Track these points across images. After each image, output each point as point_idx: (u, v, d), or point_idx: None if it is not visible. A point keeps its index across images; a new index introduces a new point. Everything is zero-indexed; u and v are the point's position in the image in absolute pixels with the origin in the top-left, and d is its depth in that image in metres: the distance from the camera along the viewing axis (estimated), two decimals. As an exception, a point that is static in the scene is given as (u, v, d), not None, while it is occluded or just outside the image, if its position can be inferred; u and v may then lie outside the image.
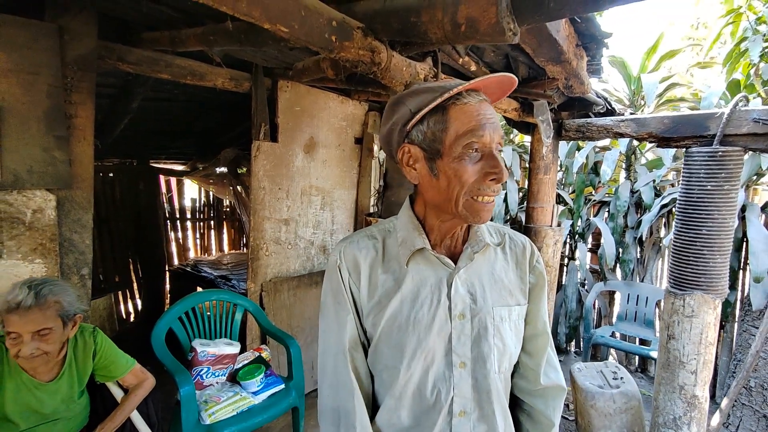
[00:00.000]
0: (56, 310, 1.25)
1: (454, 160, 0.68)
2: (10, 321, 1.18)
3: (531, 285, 0.81)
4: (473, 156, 0.67)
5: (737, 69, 3.48)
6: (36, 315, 1.20)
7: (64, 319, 1.28)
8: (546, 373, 0.81)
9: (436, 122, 0.69)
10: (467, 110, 0.67)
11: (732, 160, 1.71)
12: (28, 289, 1.20)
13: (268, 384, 1.95)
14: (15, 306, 1.17)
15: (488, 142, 0.67)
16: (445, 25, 0.90)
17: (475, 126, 0.66)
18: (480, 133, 0.66)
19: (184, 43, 1.58)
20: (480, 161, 0.67)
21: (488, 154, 0.68)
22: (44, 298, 1.22)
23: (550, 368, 0.81)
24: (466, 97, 0.68)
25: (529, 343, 0.81)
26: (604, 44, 1.46)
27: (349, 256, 0.77)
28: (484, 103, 0.69)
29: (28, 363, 1.24)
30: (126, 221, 4.09)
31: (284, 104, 2.39)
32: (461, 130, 0.67)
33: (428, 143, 0.70)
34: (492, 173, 0.67)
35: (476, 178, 0.67)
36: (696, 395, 1.83)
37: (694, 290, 1.78)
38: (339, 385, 0.75)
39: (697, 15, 8.48)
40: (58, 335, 1.26)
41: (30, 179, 1.45)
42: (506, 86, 0.72)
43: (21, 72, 1.42)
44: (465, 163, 0.67)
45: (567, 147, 3.90)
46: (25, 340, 1.19)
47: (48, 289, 1.24)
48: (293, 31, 0.89)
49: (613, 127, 2.10)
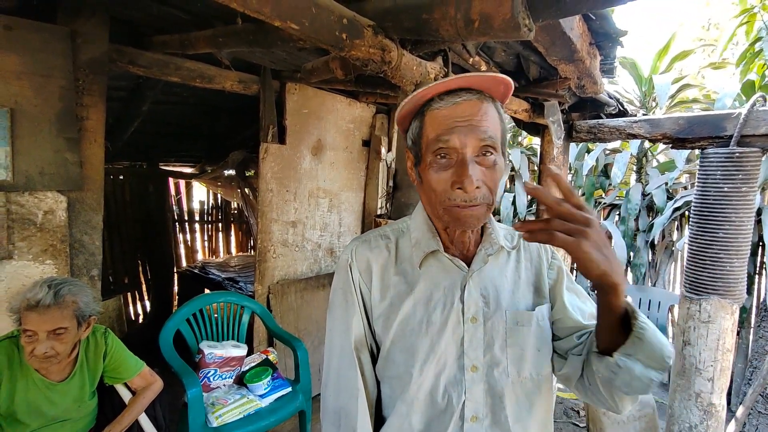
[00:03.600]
0: (73, 309, 1.25)
1: (426, 166, 0.67)
2: (29, 319, 1.18)
3: (552, 282, 0.78)
4: (443, 163, 0.65)
5: (752, 69, 3.42)
6: (54, 314, 1.20)
7: (79, 319, 1.28)
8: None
9: (416, 128, 0.69)
10: (437, 115, 0.65)
11: (750, 161, 1.67)
12: (48, 287, 1.21)
13: (275, 387, 1.94)
14: (35, 304, 1.18)
15: (458, 146, 0.63)
16: (458, 21, 0.89)
17: (442, 131, 0.64)
18: (446, 138, 0.63)
19: (193, 46, 1.59)
20: (451, 168, 0.64)
21: (458, 161, 0.64)
22: (62, 298, 1.22)
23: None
24: (438, 102, 0.65)
25: (571, 339, 0.75)
26: (619, 42, 1.43)
27: (360, 255, 0.76)
28: (464, 104, 0.64)
29: (39, 363, 1.24)
30: (135, 223, 4.12)
31: (292, 106, 2.39)
32: (431, 135, 0.66)
33: (413, 149, 0.71)
34: (456, 182, 0.63)
35: (445, 187, 0.65)
36: (713, 403, 1.78)
37: (710, 295, 1.74)
38: (342, 385, 0.74)
39: (709, 16, 8.38)
40: (72, 335, 1.27)
41: (41, 181, 1.46)
42: (495, 82, 0.67)
43: (33, 74, 1.43)
44: (435, 170, 0.65)
45: (577, 149, 3.86)
46: (41, 338, 1.19)
47: (67, 289, 1.25)
48: (303, 29, 0.89)
49: (626, 128, 2.06)
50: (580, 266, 0.57)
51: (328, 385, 0.77)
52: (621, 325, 0.63)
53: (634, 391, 0.64)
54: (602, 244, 0.56)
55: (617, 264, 0.58)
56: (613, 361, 0.63)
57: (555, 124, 1.89)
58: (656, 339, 0.62)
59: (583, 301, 0.78)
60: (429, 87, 0.65)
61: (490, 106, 0.67)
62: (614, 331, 0.63)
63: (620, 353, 0.63)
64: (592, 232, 0.55)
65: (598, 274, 0.57)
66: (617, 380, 0.64)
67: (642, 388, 0.63)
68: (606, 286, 0.59)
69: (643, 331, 0.62)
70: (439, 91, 0.66)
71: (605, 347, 0.66)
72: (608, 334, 0.65)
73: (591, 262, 0.55)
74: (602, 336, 0.66)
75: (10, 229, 1.42)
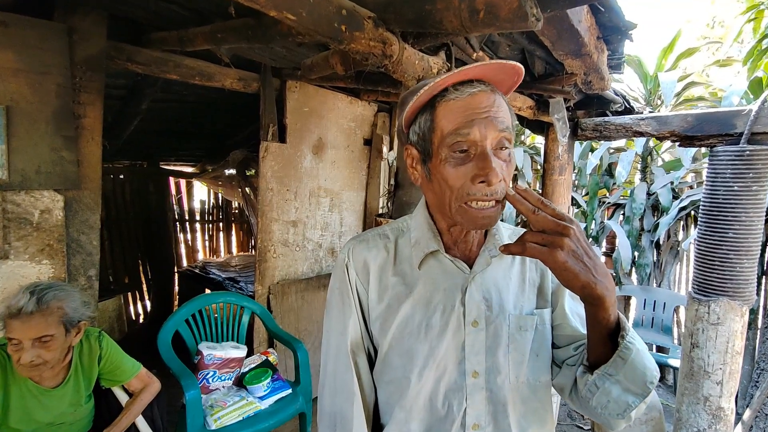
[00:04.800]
0: (59, 316, 1.20)
1: (441, 162, 0.62)
2: (12, 327, 1.14)
3: (555, 285, 0.75)
4: (461, 157, 0.61)
5: (759, 67, 3.36)
6: (37, 321, 1.15)
7: (66, 326, 1.23)
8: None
9: (425, 121, 0.64)
10: (453, 107, 0.61)
11: (760, 159, 1.63)
12: (30, 294, 1.16)
13: (275, 389, 1.91)
14: (16, 312, 1.14)
15: (478, 139, 0.60)
16: (462, 12, 0.86)
17: (461, 124, 0.60)
18: (466, 131, 0.60)
19: (192, 42, 1.57)
20: (470, 162, 0.60)
21: (479, 153, 0.60)
22: (47, 304, 1.17)
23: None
24: (453, 92, 0.61)
25: (568, 349, 0.72)
26: (628, 36, 1.39)
27: (357, 255, 0.73)
28: (481, 95, 0.61)
29: (28, 371, 1.20)
30: (136, 222, 4.12)
31: (293, 105, 2.37)
32: (446, 129, 0.61)
33: (421, 144, 0.66)
34: (480, 175, 0.59)
35: (464, 182, 0.61)
36: (722, 407, 1.74)
37: (719, 296, 1.70)
38: (338, 388, 0.72)
39: (714, 14, 8.31)
40: (60, 343, 1.22)
41: (38, 179, 1.44)
42: (511, 72, 0.63)
43: (30, 72, 1.41)
44: (452, 165, 0.61)
45: (581, 148, 3.82)
46: (26, 347, 1.15)
47: (52, 295, 1.20)
48: (301, 20, 0.86)
49: (633, 126, 2.02)
50: (558, 277, 0.54)
51: (325, 387, 0.75)
52: (610, 340, 0.60)
53: (610, 414, 0.61)
54: (583, 254, 0.54)
55: (604, 275, 0.55)
56: (592, 380, 0.61)
57: (560, 121, 1.86)
58: (641, 361, 0.59)
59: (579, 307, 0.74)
60: (447, 76, 0.60)
61: (500, 98, 0.63)
62: (602, 346, 0.60)
63: (600, 372, 0.60)
64: (570, 242, 0.52)
65: (579, 286, 0.54)
66: (593, 401, 0.61)
67: (617, 412, 0.60)
68: (590, 298, 0.55)
69: (628, 351, 0.58)
70: (455, 80, 0.62)
71: (593, 361, 0.63)
72: (596, 347, 0.62)
73: (567, 272, 0.53)
74: (591, 348, 0.63)
75: (6, 228, 1.40)
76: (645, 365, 0.59)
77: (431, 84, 0.61)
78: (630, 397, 0.59)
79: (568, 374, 0.70)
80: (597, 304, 0.56)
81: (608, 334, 0.59)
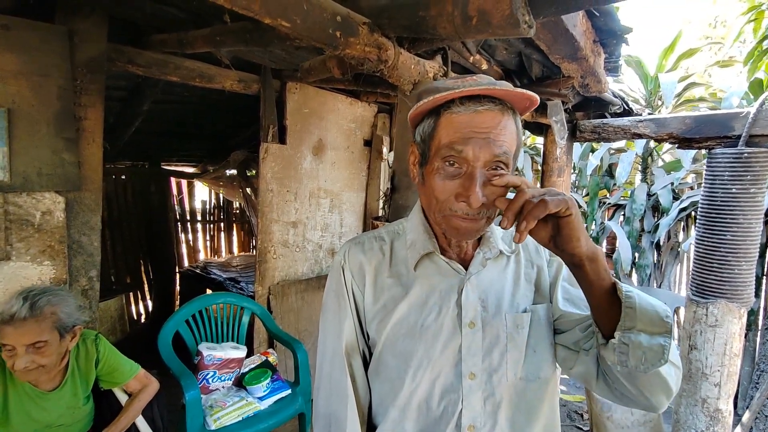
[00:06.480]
0: (52, 322, 1.20)
1: (433, 171, 0.63)
2: (5, 333, 1.13)
3: (552, 278, 0.75)
4: (451, 171, 0.61)
5: (760, 68, 3.36)
6: (31, 327, 1.15)
7: (60, 331, 1.22)
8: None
9: (428, 127, 0.65)
10: (455, 120, 0.61)
11: (758, 161, 1.63)
12: (24, 300, 1.16)
13: (275, 389, 1.92)
14: (9, 317, 1.13)
15: (470, 158, 0.60)
16: (456, 18, 0.86)
17: (458, 139, 0.60)
18: (460, 148, 0.60)
19: (191, 45, 1.58)
20: (458, 178, 0.61)
21: (467, 173, 0.60)
22: (40, 310, 1.17)
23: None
24: (458, 106, 0.61)
25: (575, 332, 0.71)
26: (624, 40, 1.40)
27: (353, 257, 0.74)
28: (485, 114, 0.60)
29: (24, 376, 1.20)
30: (137, 223, 4.14)
31: (293, 106, 2.38)
32: (444, 140, 0.62)
33: (421, 147, 0.67)
34: (462, 195, 0.60)
35: (449, 197, 0.62)
36: (719, 409, 1.74)
37: (717, 298, 1.70)
38: (333, 390, 0.73)
39: (716, 14, 8.26)
40: (55, 348, 1.21)
41: (39, 181, 1.45)
42: (522, 98, 0.63)
43: (31, 74, 1.42)
44: (441, 177, 0.62)
45: (581, 149, 3.82)
46: (19, 352, 1.14)
47: (45, 300, 1.19)
48: (295, 26, 0.87)
49: (631, 128, 2.03)
50: (568, 232, 0.56)
51: (320, 389, 0.75)
52: (612, 303, 0.60)
53: (652, 365, 0.58)
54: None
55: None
56: (617, 341, 0.59)
57: (558, 123, 1.86)
58: (647, 302, 0.59)
59: (578, 291, 0.73)
60: (451, 92, 0.60)
61: (510, 120, 0.63)
62: (609, 309, 0.60)
63: (620, 331, 0.59)
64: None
65: (584, 242, 0.57)
66: (630, 360, 0.58)
67: (657, 358, 0.58)
68: (589, 252, 0.58)
69: (631, 299, 0.58)
70: (460, 95, 0.61)
71: (608, 332, 0.62)
72: (603, 315, 0.61)
73: (582, 226, 0.56)
74: (599, 321, 0.63)
75: (8, 230, 1.41)
76: (652, 304, 0.59)
77: (437, 97, 0.61)
78: (658, 338, 0.58)
79: (587, 360, 0.68)
80: (595, 259, 0.58)
81: (609, 296, 0.60)
